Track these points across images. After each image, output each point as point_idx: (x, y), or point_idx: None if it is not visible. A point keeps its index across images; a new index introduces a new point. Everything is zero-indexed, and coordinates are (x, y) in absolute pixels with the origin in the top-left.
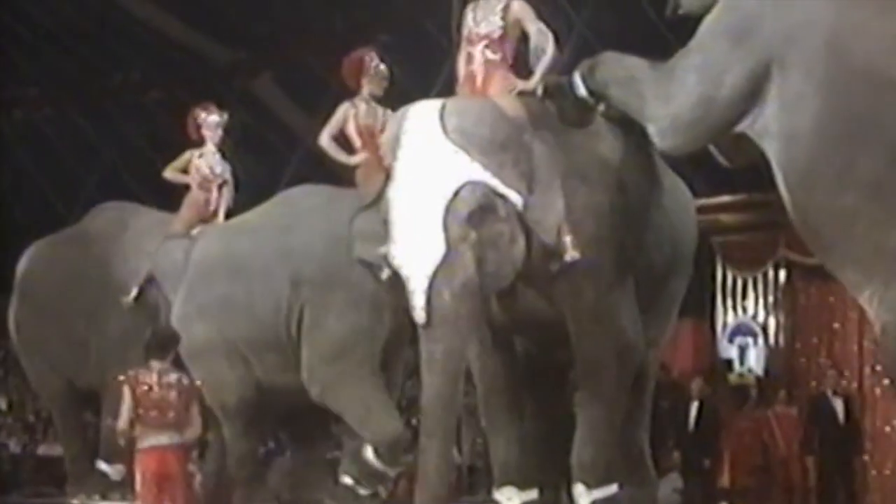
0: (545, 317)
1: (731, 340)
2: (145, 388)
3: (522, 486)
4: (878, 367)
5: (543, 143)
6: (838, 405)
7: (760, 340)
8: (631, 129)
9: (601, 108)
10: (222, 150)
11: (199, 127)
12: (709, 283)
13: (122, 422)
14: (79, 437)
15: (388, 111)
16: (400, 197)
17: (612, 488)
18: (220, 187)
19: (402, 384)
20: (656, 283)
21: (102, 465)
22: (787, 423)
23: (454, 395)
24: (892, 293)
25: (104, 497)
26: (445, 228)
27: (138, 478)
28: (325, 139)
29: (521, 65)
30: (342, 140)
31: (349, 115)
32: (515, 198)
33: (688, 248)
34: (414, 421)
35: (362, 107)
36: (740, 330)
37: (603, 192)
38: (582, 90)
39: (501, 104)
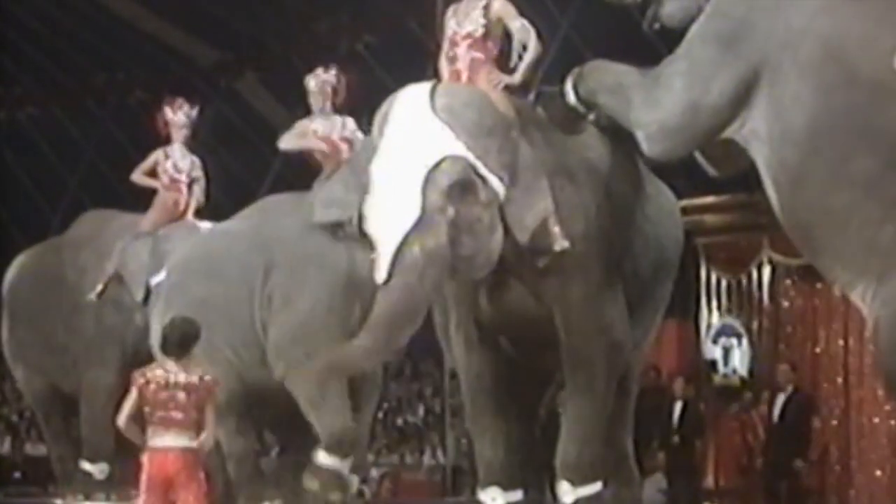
0: (534, 314)
1: (715, 341)
2: (153, 387)
3: (507, 486)
4: (865, 369)
5: (530, 143)
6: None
7: (745, 341)
8: (618, 137)
9: (591, 116)
10: (191, 146)
11: (166, 124)
12: (693, 284)
13: (121, 418)
14: (64, 439)
15: (348, 119)
16: (382, 167)
17: (597, 486)
18: (189, 185)
19: (385, 384)
20: (642, 289)
21: (86, 465)
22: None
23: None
24: (885, 288)
25: (88, 497)
26: (423, 195)
27: (143, 478)
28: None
29: (504, 62)
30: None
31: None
32: (497, 184)
33: (673, 254)
34: (400, 421)
35: (319, 121)
36: (724, 331)
37: (590, 193)
38: (572, 98)
39: (492, 95)
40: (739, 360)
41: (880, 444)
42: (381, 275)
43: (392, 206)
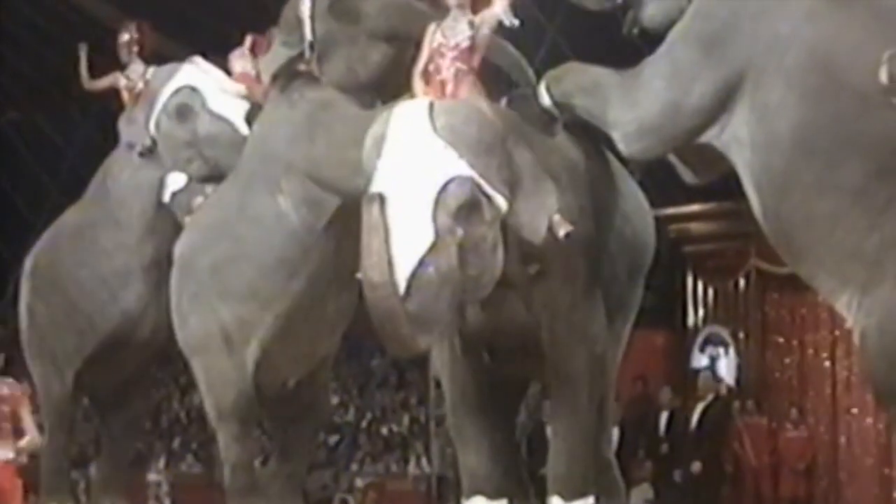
0: (522, 323)
1: (702, 350)
2: None
3: (492, 495)
4: (851, 378)
5: (524, 148)
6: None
7: (731, 350)
8: (592, 137)
9: (564, 117)
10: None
11: (118, 51)
12: (680, 292)
13: None
14: None
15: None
16: (387, 189)
17: (588, 500)
18: None
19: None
20: (619, 294)
21: None
22: (757, 433)
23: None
24: (870, 298)
25: None
26: (435, 220)
27: None
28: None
29: (487, 76)
30: None
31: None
32: (501, 201)
33: (646, 257)
34: (385, 430)
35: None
36: (711, 340)
37: (573, 195)
38: (546, 100)
39: (483, 108)
40: (726, 368)
41: (868, 452)
42: (399, 293)
43: (405, 233)
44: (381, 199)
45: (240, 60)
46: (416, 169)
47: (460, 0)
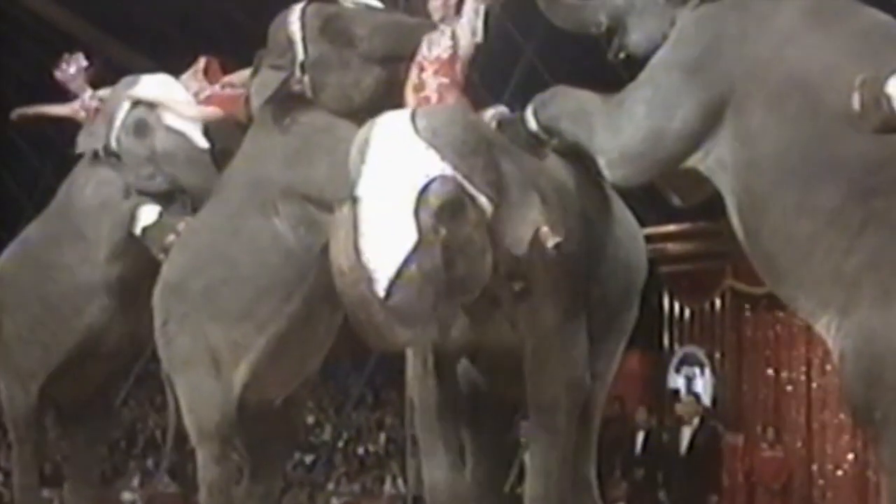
0: (509, 342)
1: (678, 370)
2: None
3: None
4: (828, 397)
5: (512, 160)
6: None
7: (707, 370)
8: (582, 159)
9: (553, 142)
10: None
11: (64, 85)
12: (656, 313)
13: None
14: None
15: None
16: (369, 194)
17: None
18: None
19: (346, 413)
20: (609, 316)
21: None
22: (733, 453)
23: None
24: (849, 320)
25: None
26: (417, 218)
27: None
28: None
29: (472, 91)
30: None
31: None
32: (485, 203)
33: (638, 280)
34: (361, 450)
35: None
36: (687, 360)
37: (561, 215)
38: (533, 124)
39: (468, 111)
40: (702, 389)
41: (844, 471)
42: (380, 294)
43: (387, 233)
44: (354, 199)
45: (192, 82)
46: (398, 171)
47: (443, 13)
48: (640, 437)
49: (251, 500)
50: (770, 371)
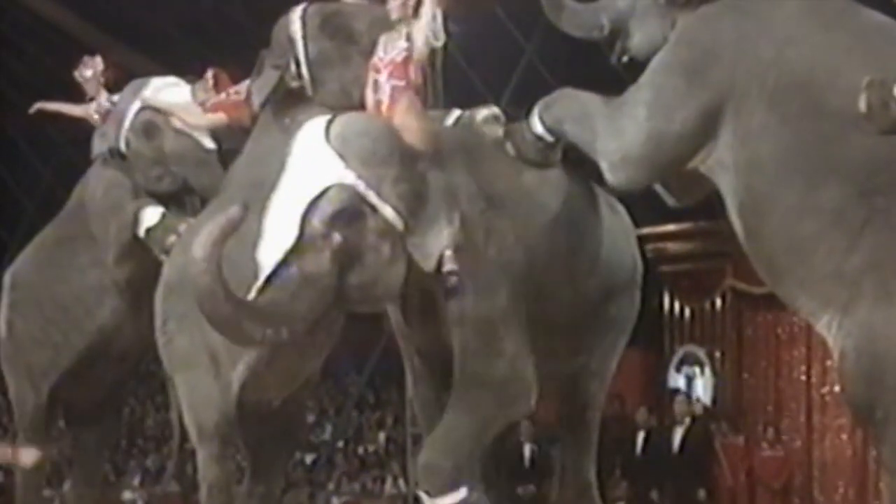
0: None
1: (678, 370)
2: None
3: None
4: (827, 398)
5: (446, 171)
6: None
7: (707, 370)
8: (575, 161)
9: (561, 144)
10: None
11: (81, 87)
12: (656, 312)
13: None
14: None
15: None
16: (277, 196)
17: (460, 493)
18: None
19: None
20: (592, 311)
21: None
22: (733, 453)
23: None
24: (850, 319)
25: None
26: (303, 221)
27: None
28: None
29: (427, 91)
30: None
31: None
32: (390, 214)
33: (628, 275)
34: (361, 450)
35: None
36: (687, 359)
37: (511, 219)
38: (539, 128)
39: (387, 123)
40: (703, 388)
41: (843, 472)
42: (252, 293)
43: (277, 232)
44: (245, 205)
45: (201, 93)
46: (304, 176)
47: (400, 14)
48: (641, 437)
49: (252, 500)
50: (770, 371)
